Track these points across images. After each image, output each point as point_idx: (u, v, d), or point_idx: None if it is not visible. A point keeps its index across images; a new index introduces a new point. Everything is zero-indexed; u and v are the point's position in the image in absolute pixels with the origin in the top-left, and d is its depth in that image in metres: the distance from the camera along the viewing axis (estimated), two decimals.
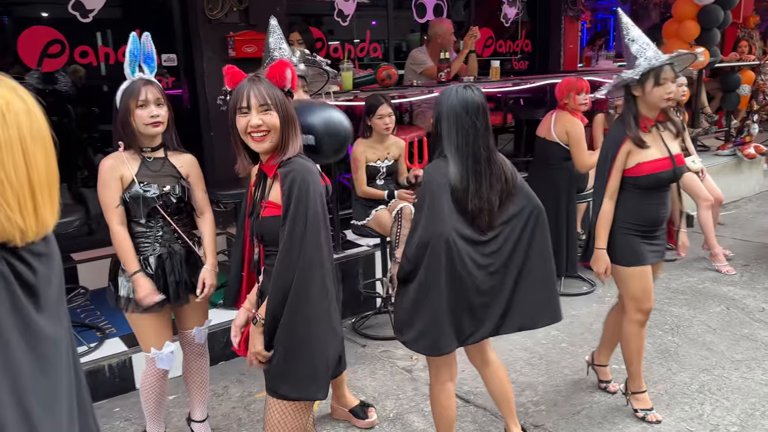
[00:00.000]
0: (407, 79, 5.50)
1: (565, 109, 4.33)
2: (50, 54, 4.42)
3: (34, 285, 1.17)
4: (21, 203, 1.11)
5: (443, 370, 2.49)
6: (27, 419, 1.15)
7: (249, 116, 1.89)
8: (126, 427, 3.10)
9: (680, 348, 3.76)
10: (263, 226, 1.96)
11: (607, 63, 7.76)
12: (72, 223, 3.42)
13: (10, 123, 1.09)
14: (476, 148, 2.30)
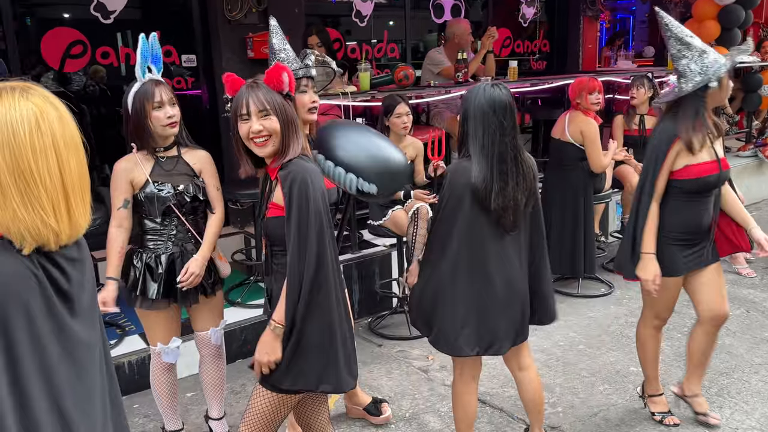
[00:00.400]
0: (424, 79, 5.50)
1: (578, 109, 4.32)
2: (72, 55, 4.49)
3: (68, 291, 1.20)
4: (55, 207, 1.15)
5: (468, 369, 2.50)
6: (63, 423, 1.18)
7: (250, 122, 1.93)
8: (145, 423, 3.14)
9: None
10: (268, 227, 2.02)
11: (626, 63, 7.70)
12: (93, 221, 3.46)
13: (44, 130, 1.13)
14: (503, 147, 2.29)
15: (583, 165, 4.32)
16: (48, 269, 1.17)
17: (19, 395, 1.11)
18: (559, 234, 4.45)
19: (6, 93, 1.13)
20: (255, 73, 4.73)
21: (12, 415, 1.10)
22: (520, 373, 2.61)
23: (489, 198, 2.28)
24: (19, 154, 1.11)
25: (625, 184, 4.86)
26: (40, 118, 1.13)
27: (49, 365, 1.16)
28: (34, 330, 1.13)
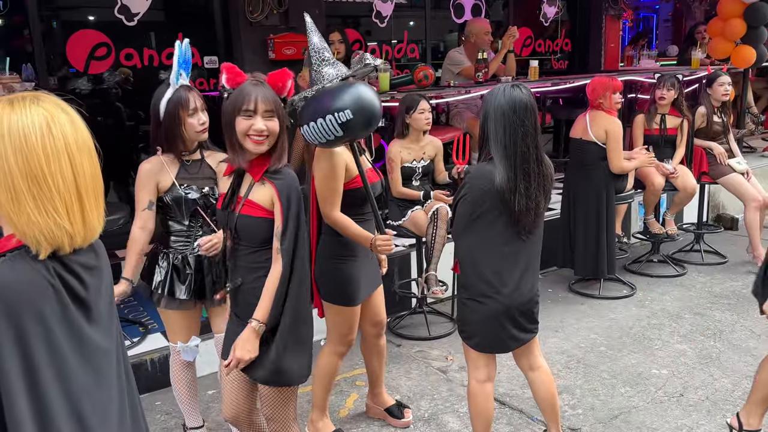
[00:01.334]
0: (444, 79, 5.50)
1: (600, 109, 4.28)
2: (97, 57, 4.57)
3: (85, 298, 1.22)
4: (69, 209, 1.16)
5: (482, 370, 2.50)
6: (81, 424, 1.20)
7: (253, 120, 1.97)
8: (166, 420, 3.18)
9: (722, 354, 3.67)
10: (242, 223, 2.04)
11: (649, 62, 7.60)
12: (117, 221, 3.52)
13: (56, 134, 1.15)
14: (525, 147, 2.29)
15: (604, 165, 4.29)
16: (64, 277, 1.18)
17: (38, 403, 1.13)
18: (584, 235, 4.41)
19: (17, 101, 1.16)
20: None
21: (31, 424, 1.11)
22: (532, 373, 2.61)
23: (514, 199, 2.28)
24: (32, 159, 1.12)
25: (647, 184, 4.81)
26: (51, 122, 1.15)
27: (67, 372, 1.18)
28: (50, 337, 1.15)
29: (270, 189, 2.02)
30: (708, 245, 5.40)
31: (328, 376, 2.83)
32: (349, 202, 2.56)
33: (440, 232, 3.73)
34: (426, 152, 3.96)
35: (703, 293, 4.60)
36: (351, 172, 2.53)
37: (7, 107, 1.15)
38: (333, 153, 2.47)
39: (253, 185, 2.06)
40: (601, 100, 4.27)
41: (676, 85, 4.81)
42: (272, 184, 2.01)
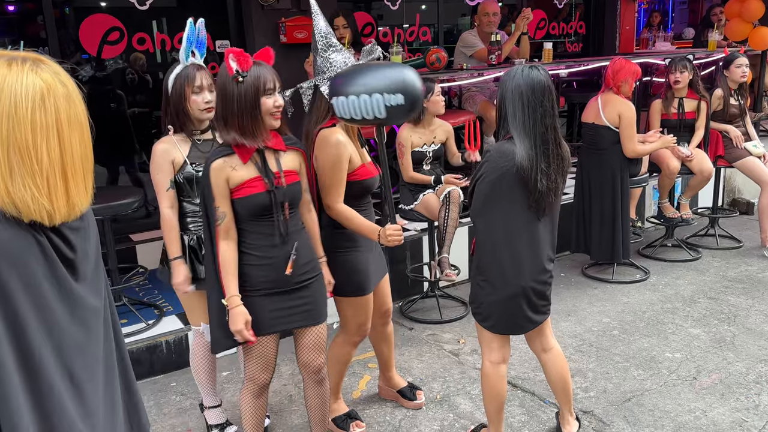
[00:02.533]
0: (457, 62, 5.45)
1: (618, 92, 4.22)
2: (110, 41, 4.58)
3: (72, 259, 1.20)
4: (51, 186, 1.13)
5: (496, 352, 2.51)
6: (73, 383, 1.20)
7: (274, 97, 2.14)
8: (182, 401, 3.23)
9: (737, 338, 3.65)
10: (292, 192, 2.24)
11: (665, 45, 7.50)
12: (131, 204, 3.55)
13: (48, 107, 1.11)
14: (544, 128, 2.28)
15: (618, 149, 4.25)
16: (51, 237, 1.16)
17: (24, 353, 1.11)
18: (600, 220, 4.39)
19: (16, 64, 1.11)
20: (288, 59, 4.76)
21: (16, 374, 1.10)
22: (544, 355, 2.62)
23: (536, 177, 2.26)
24: (18, 128, 1.09)
25: (663, 167, 4.77)
26: (46, 94, 1.11)
27: (58, 328, 1.17)
28: (38, 292, 1.13)
29: (296, 154, 2.30)
30: (723, 229, 5.35)
31: (342, 363, 2.85)
32: (349, 193, 2.53)
33: (452, 216, 3.72)
34: (437, 136, 3.95)
35: (717, 277, 4.57)
36: (353, 163, 2.52)
37: (4, 67, 1.10)
38: (339, 143, 2.44)
39: (279, 157, 2.22)
40: (623, 83, 4.22)
41: (689, 67, 4.75)
42: (297, 149, 2.30)
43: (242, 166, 2.15)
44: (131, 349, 3.39)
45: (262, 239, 2.20)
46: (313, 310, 2.33)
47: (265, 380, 2.36)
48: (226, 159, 2.15)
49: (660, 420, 2.90)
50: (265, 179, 2.16)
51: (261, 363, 2.32)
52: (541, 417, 2.97)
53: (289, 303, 2.26)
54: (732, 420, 2.88)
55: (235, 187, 2.15)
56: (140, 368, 3.41)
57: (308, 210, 2.41)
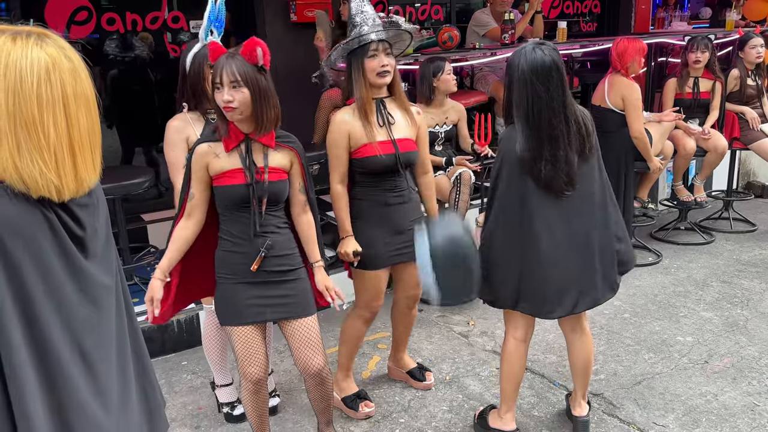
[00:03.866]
0: (469, 41, 5.38)
1: (626, 74, 4.16)
2: (77, 21, 4.43)
3: (81, 236, 1.19)
4: (59, 162, 1.12)
5: (521, 330, 2.52)
6: (83, 358, 1.19)
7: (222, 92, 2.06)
8: (193, 380, 3.25)
9: (750, 322, 3.62)
10: (273, 189, 2.18)
11: (681, 25, 7.36)
12: (141, 184, 3.55)
13: (54, 82, 1.10)
14: (550, 113, 2.22)
15: (624, 131, 4.19)
16: (59, 214, 1.15)
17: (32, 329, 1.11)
18: None
19: (21, 38, 1.10)
20: (299, 38, 4.72)
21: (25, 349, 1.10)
22: (574, 335, 2.59)
23: (537, 166, 2.24)
24: (24, 103, 1.08)
25: (679, 148, 4.70)
26: (51, 68, 1.10)
27: (68, 305, 1.16)
28: (46, 268, 1.13)
29: (287, 152, 2.22)
30: (737, 213, 5.29)
31: (352, 339, 2.86)
32: (355, 170, 2.59)
33: (463, 197, 3.70)
34: (449, 117, 3.91)
35: (730, 261, 4.52)
36: (357, 140, 2.53)
37: (9, 42, 1.09)
38: (337, 121, 2.54)
39: (268, 153, 2.16)
40: (631, 64, 4.15)
41: (710, 47, 4.66)
42: (290, 148, 2.23)
43: (225, 155, 2.14)
44: (142, 328, 3.40)
45: (237, 229, 2.20)
46: (294, 303, 2.27)
47: (256, 375, 2.30)
48: (211, 144, 2.16)
49: (671, 403, 2.89)
50: (246, 172, 2.13)
51: (245, 356, 2.27)
52: (550, 399, 2.96)
53: (266, 293, 2.24)
54: (743, 404, 2.86)
55: (215, 174, 2.16)
56: (151, 346, 3.43)
57: (303, 212, 2.33)
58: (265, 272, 2.21)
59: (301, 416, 2.90)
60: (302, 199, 2.31)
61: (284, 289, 2.26)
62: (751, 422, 2.74)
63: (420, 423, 2.83)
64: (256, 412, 2.43)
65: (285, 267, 2.25)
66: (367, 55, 2.49)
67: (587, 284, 2.37)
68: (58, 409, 1.16)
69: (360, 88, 2.52)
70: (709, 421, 2.76)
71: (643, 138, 4.18)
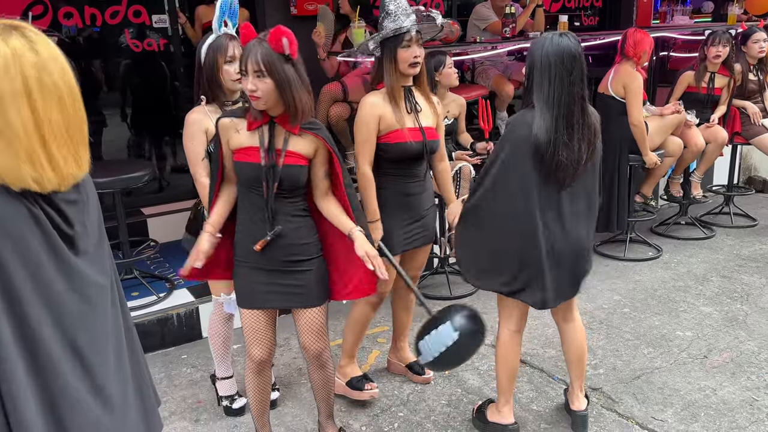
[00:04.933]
0: (470, 35, 5.36)
1: (638, 62, 4.15)
2: (33, 15, 4.25)
3: (69, 233, 1.19)
4: (31, 154, 1.11)
5: (515, 321, 2.53)
6: (77, 355, 1.19)
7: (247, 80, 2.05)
8: (192, 373, 3.26)
9: (749, 317, 3.62)
10: (286, 173, 2.13)
11: (683, 19, 7.33)
12: (141, 178, 3.54)
13: (14, 74, 1.09)
14: (570, 98, 2.24)
15: (622, 120, 4.19)
16: (45, 209, 1.14)
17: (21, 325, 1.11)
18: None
19: None
20: (299, 31, 4.68)
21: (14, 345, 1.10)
22: (566, 324, 2.61)
23: (554, 150, 2.23)
24: None
25: (689, 144, 4.68)
26: (11, 61, 1.09)
27: (58, 302, 1.16)
28: (34, 264, 1.12)
29: (312, 139, 2.16)
30: (738, 208, 5.29)
31: (359, 324, 2.89)
32: (381, 155, 2.60)
33: (462, 192, 3.70)
34: (450, 110, 3.90)
35: (730, 256, 4.52)
36: (387, 125, 2.56)
37: None
38: (367, 103, 2.55)
39: (288, 138, 2.13)
40: (643, 54, 4.15)
41: (731, 41, 4.64)
42: (316, 135, 2.16)
43: (246, 132, 2.15)
44: (142, 322, 3.43)
45: (250, 210, 2.21)
46: (302, 294, 2.27)
47: (260, 356, 2.34)
48: (233, 120, 2.17)
49: (669, 398, 2.89)
50: (263, 152, 2.13)
51: (252, 337, 2.32)
52: (549, 393, 2.97)
53: (274, 280, 2.24)
54: (742, 399, 2.87)
55: (235, 149, 2.17)
56: (151, 340, 3.45)
57: (326, 195, 2.27)
58: (275, 260, 2.22)
59: (301, 410, 2.91)
60: (326, 184, 2.25)
61: (293, 278, 2.26)
62: (750, 417, 2.74)
63: (419, 417, 2.83)
64: (257, 396, 2.45)
65: (296, 257, 2.23)
66: (401, 45, 2.50)
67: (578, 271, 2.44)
68: (51, 405, 1.15)
69: (390, 76, 2.54)
70: (707, 415, 2.76)
71: (641, 127, 4.18)
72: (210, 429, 2.82)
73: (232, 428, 2.81)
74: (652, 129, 4.32)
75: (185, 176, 3.12)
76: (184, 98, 4.72)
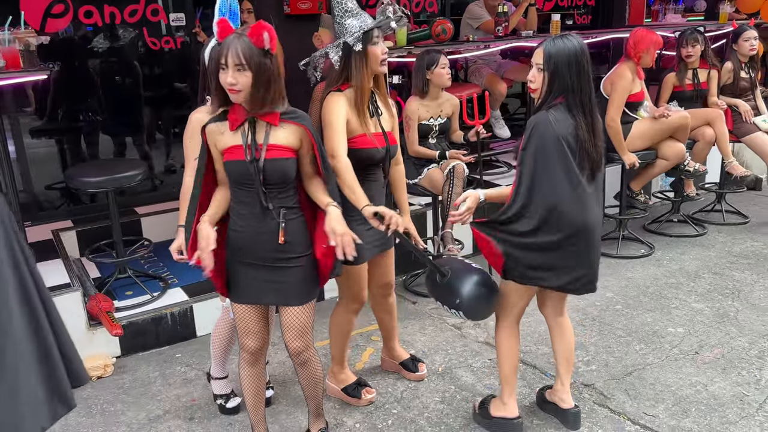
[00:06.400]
0: (463, 34, 5.38)
1: (637, 63, 4.19)
2: (54, 14, 4.40)
3: None
4: None
5: (516, 313, 2.55)
6: None
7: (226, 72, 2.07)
8: (186, 372, 3.26)
9: (740, 313, 3.65)
10: (271, 167, 2.14)
11: (675, 17, 7.37)
12: (134, 177, 3.55)
13: None
14: (589, 87, 2.32)
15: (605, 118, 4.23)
16: None
17: None
18: None
19: None
20: (292, 30, 4.70)
21: None
22: (556, 319, 2.64)
23: (591, 142, 2.31)
24: None
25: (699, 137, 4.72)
26: None
27: None
28: None
29: (295, 129, 2.17)
30: (730, 205, 5.32)
31: (342, 332, 2.88)
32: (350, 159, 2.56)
33: (456, 191, 3.71)
34: (443, 110, 3.91)
35: (722, 253, 4.55)
36: (351, 130, 2.53)
37: None
38: (333, 99, 2.52)
39: (269, 130, 2.15)
40: (644, 54, 4.17)
41: (700, 39, 4.70)
42: (298, 124, 2.17)
43: (230, 132, 2.17)
44: (137, 321, 3.43)
45: (243, 207, 2.22)
46: (286, 291, 2.29)
47: (252, 347, 2.38)
48: (218, 124, 2.19)
49: (661, 394, 2.92)
50: (246, 149, 2.15)
51: (243, 330, 2.37)
52: None
53: (265, 277, 2.26)
54: (733, 394, 2.89)
55: (222, 150, 2.19)
56: (146, 339, 3.46)
57: (310, 180, 2.29)
58: (265, 256, 2.23)
59: (295, 408, 2.92)
60: (312, 170, 2.27)
61: (282, 275, 2.27)
62: (740, 412, 2.77)
63: (413, 414, 2.85)
64: (252, 389, 2.47)
65: (288, 254, 2.25)
66: (371, 42, 2.48)
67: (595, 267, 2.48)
68: None
69: (362, 76, 2.51)
70: (698, 411, 2.79)
71: (616, 127, 4.23)
72: (204, 427, 2.83)
73: (226, 426, 2.82)
74: (638, 131, 4.35)
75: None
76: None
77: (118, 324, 3.23)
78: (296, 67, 2.81)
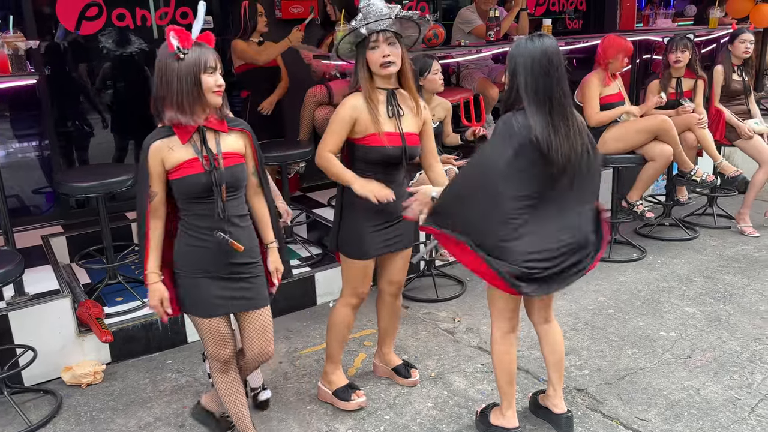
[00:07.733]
0: (455, 38, 5.39)
1: (605, 69, 4.22)
2: (88, 17, 4.47)
3: None
4: None
5: (507, 321, 2.52)
6: None
7: (215, 75, 2.14)
8: (177, 378, 3.24)
9: (732, 316, 3.66)
10: (231, 174, 2.20)
11: (666, 22, 7.41)
12: (125, 182, 3.52)
13: None
14: (560, 92, 2.24)
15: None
16: None
17: None
18: None
19: None
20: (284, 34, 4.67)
21: None
22: (545, 326, 2.62)
23: (552, 145, 2.19)
24: None
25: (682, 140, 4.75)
26: None
27: None
28: None
29: (240, 135, 2.27)
30: (721, 209, 5.34)
31: (340, 327, 2.87)
32: (357, 156, 2.62)
33: None
34: (436, 114, 3.91)
35: (714, 256, 4.57)
36: (363, 128, 2.55)
37: None
38: (347, 104, 2.57)
39: (220, 139, 2.20)
40: (612, 61, 4.20)
41: (690, 46, 4.71)
42: (242, 130, 2.27)
43: (180, 146, 2.15)
44: (127, 327, 3.40)
45: (200, 221, 2.21)
46: (253, 296, 2.34)
47: (225, 355, 2.39)
48: (164, 140, 2.16)
49: (653, 398, 2.91)
50: (203, 160, 2.15)
51: (215, 341, 2.36)
52: None
53: (229, 286, 2.29)
54: (725, 398, 2.89)
55: (172, 168, 2.16)
56: (136, 345, 3.42)
57: (255, 193, 2.38)
58: (229, 265, 2.26)
59: (286, 414, 2.90)
60: (254, 181, 2.35)
61: (245, 282, 2.32)
62: (732, 416, 2.77)
63: (405, 419, 2.83)
64: (231, 396, 2.47)
65: (248, 260, 2.30)
66: (368, 48, 2.51)
67: None
68: None
69: (363, 80, 2.55)
70: (690, 415, 2.79)
71: (598, 118, 4.30)
72: None
73: None
74: (613, 133, 4.38)
75: None
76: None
77: (108, 330, 3.20)
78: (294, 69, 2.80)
